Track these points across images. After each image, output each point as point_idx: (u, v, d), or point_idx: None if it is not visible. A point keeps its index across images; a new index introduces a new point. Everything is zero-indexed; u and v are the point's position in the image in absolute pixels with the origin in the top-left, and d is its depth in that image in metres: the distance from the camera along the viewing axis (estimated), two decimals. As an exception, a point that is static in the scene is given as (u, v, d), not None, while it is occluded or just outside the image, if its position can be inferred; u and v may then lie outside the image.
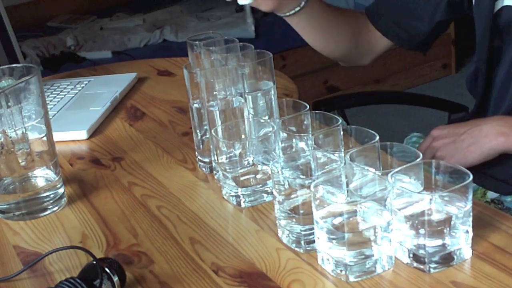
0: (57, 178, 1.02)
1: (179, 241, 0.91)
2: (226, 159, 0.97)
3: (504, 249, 0.81)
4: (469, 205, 0.77)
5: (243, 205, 0.97)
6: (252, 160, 0.95)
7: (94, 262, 0.79)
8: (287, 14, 1.22)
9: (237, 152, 0.96)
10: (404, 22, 1.30)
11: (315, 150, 0.87)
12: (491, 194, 1.21)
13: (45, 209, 1.01)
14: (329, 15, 1.28)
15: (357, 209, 0.77)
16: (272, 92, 1.03)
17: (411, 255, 0.79)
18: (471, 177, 0.76)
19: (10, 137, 0.97)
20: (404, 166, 0.80)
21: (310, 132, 0.95)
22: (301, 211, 0.83)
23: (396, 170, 0.79)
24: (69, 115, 1.37)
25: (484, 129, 1.13)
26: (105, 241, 0.93)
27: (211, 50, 1.13)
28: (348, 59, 1.40)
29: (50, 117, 1.15)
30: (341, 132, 0.90)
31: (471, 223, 0.79)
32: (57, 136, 1.07)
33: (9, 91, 0.94)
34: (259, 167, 0.95)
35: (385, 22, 1.32)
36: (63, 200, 1.04)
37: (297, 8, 1.21)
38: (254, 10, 3.17)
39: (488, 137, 1.12)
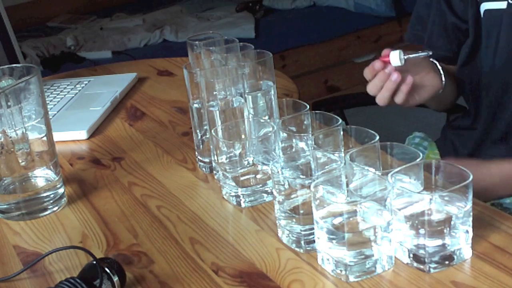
0: (57, 178, 1.02)
1: (179, 241, 0.91)
2: (226, 159, 0.97)
3: (504, 249, 0.81)
4: (469, 205, 0.77)
5: (243, 205, 0.97)
6: (252, 160, 0.95)
7: (94, 262, 0.79)
8: (428, 97, 1.22)
9: (237, 152, 0.96)
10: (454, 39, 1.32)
11: (315, 150, 0.87)
12: (491, 195, 1.21)
13: (45, 209, 1.01)
14: (455, 82, 1.31)
15: (357, 209, 0.77)
16: (272, 92, 1.03)
17: (411, 255, 0.79)
18: (471, 177, 0.76)
19: (10, 137, 0.97)
20: (404, 166, 0.80)
21: (310, 132, 0.95)
22: (301, 211, 0.83)
23: (396, 170, 0.79)
24: (69, 115, 1.37)
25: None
26: (105, 241, 0.93)
27: (211, 50, 1.13)
28: None
29: (50, 117, 1.15)
30: (341, 132, 0.90)
31: (471, 223, 0.79)
32: (57, 136, 1.07)
33: (9, 91, 0.94)
34: (259, 167, 0.95)
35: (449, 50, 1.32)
36: (63, 200, 1.04)
37: (440, 91, 1.21)
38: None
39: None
